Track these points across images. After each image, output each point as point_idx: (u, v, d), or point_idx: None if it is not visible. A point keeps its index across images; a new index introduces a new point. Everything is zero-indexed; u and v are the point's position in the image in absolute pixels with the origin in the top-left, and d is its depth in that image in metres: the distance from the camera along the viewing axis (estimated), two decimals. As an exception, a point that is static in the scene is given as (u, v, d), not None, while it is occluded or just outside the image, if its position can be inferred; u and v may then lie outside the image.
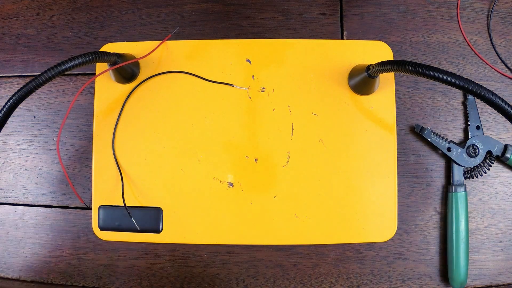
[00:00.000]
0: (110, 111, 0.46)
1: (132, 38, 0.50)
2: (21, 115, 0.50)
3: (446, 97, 0.48)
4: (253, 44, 0.46)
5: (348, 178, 0.44)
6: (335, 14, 0.50)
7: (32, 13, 0.51)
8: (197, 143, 0.45)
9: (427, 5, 0.50)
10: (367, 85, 0.44)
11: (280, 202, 0.44)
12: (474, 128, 0.47)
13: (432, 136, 0.46)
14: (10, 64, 0.51)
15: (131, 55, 0.45)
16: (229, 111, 0.45)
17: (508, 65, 0.49)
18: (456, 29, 0.50)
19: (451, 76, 0.31)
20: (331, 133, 0.45)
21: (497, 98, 0.31)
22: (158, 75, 0.46)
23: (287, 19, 0.50)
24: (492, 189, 0.48)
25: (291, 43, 0.46)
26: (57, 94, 0.50)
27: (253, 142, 0.45)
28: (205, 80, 0.46)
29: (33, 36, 0.51)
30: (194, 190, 0.45)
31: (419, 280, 0.47)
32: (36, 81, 0.34)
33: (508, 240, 0.47)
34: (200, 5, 0.50)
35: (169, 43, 0.47)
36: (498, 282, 0.47)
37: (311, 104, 0.45)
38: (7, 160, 0.50)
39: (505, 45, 0.49)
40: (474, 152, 0.46)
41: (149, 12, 0.50)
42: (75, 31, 0.50)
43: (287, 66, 0.46)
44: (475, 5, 0.50)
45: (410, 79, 0.49)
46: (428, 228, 0.47)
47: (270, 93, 0.46)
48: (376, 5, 0.50)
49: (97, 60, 0.38)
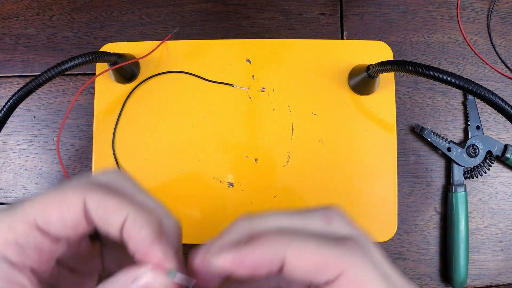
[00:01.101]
0: (110, 111, 0.46)
1: (132, 38, 0.50)
2: (21, 115, 0.50)
3: (446, 97, 0.48)
4: (253, 44, 0.46)
5: (348, 178, 0.44)
6: (335, 14, 0.50)
7: (32, 13, 0.51)
8: (197, 143, 0.45)
9: (427, 5, 0.50)
10: (367, 85, 0.44)
11: (280, 202, 0.44)
12: (474, 128, 0.47)
13: (432, 136, 0.46)
14: (10, 64, 0.51)
15: (131, 55, 0.45)
16: (229, 111, 0.45)
17: (508, 65, 0.49)
18: (456, 29, 0.50)
19: (451, 76, 0.31)
20: (331, 133, 0.45)
21: (497, 98, 0.31)
22: (158, 75, 0.46)
23: (287, 19, 0.50)
24: (492, 189, 0.48)
25: (291, 43, 0.46)
26: (57, 94, 0.50)
27: (253, 142, 0.45)
28: (205, 80, 0.46)
29: (33, 36, 0.51)
30: (194, 190, 0.45)
31: (419, 280, 0.47)
32: (36, 81, 0.34)
33: (508, 240, 0.47)
34: (200, 5, 0.50)
35: (169, 43, 0.47)
36: (498, 282, 0.47)
37: (311, 104, 0.45)
38: (7, 160, 0.50)
39: (505, 45, 0.49)
40: (474, 152, 0.46)
41: (149, 12, 0.50)
42: (75, 31, 0.50)
43: (287, 66, 0.46)
44: (475, 5, 0.50)
45: (410, 79, 0.49)
46: (428, 228, 0.47)
47: (270, 93, 0.46)
48: (376, 5, 0.50)
49: (97, 60, 0.38)
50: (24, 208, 0.18)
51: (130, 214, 0.18)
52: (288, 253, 0.16)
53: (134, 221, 0.18)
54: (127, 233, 0.18)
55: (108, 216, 0.18)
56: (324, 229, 0.17)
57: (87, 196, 0.18)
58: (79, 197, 0.18)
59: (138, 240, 0.17)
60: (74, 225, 0.18)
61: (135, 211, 0.18)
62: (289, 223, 0.18)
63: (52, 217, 0.18)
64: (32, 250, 0.18)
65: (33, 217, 0.18)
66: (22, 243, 0.18)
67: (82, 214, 0.18)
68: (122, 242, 0.18)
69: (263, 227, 0.18)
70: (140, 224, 0.18)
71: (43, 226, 0.18)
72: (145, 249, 0.17)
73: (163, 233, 0.18)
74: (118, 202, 0.18)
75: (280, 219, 0.18)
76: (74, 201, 0.18)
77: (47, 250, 0.19)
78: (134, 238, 0.18)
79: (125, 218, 0.18)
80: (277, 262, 0.16)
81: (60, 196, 0.18)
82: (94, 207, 0.18)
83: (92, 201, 0.18)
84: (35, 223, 0.18)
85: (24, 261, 0.18)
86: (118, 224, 0.18)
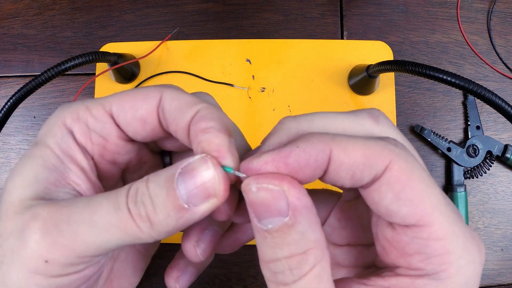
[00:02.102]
0: (110, 111, 0.46)
1: (132, 38, 0.50)
2: (21, 115, 0.50)
3: (446, 97, 0.48)
4: (253, 44, 0.46)
5: (348, 178, 0.44)
6: (335, 14, 0.50)
7: (32, 13, 0.51)
8: (197, 143, 0.45)
9: (427, 5, 0.50)
10: (367, 85, 0.44)
11: (280, 202, 0.44)
12: (474, 128, 0.47)
13: (432, 136, 0.46)
14: (10, 64, 0.51)
15: (131, 55, 0.45)
16: (229, 111, 0.45)
17: (508, 65, 0.49)
18: (456, 29, 0.50)
19: (451, 76, 0.31)
20: (331, 133, 0.45)
21: (497, 98, 0.31)
22: (158, 75, 0.46)
23: (287, 19, 0.50)
24: (492, 189, 0.48)
25: (291, 43, 0.46)
26: (57, 94, 0.50)
27: (253, 142, 0.45)
28: (205, 80, 0.46)
29: (33, 36, 0.51)
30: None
31: (419, 280, 0.47)
32: (36, 81, 0.34)
33: (508, 240, 0.47)
34: (200, 5, 0.50)
35: (169, 43, 0.47)
36: (498, 282, 0.47)
37: (311, 104, 0.45)
38: (7, 160, 0.50)
39: (505, 45, 0.49)
40: (474, 152, 0.46)
41: (149, 12, 0.50)
42: (75, 31, 0.50)
43: (287, 66, 0.46)
44: (475, 5, 0.50)
45: (410, 79, 0.49)
46: (428, 228, 0.47)
47: (270, 93, 0.46)
48: (376, 5, 0.50)
49: (97, 60, 0.38)
50: (106, 98, 0.19)
51: (203, 108, 0.17)
52: (335, 147, 0.15)
53: (205, 112, 0.17)
54: (195, 123, 0.17)
55: (181, 108, 0.17)
56: (372, 127, 0.17)
57: (164, 91, 0.18)
58: (156, 92, 0.18)
59: (204, 129, 0.16)
60: (144, 117, 0.18)
61: (207, 107, 0.18)
62: (338, 121, 0.17)
63: (126, 105, 0.18)
64: (98, 137, 0.18)
65: (109, 104, 0.18)
66: (91, 125, 0.18)
67: (156, 108, 0.18)
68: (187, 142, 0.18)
69: (310, 126, 0.17)
70: (212, 117, 0.17)
71: (116, 114, 0.18)
72: (210, 137, 0.16)
73: (230, 132, 0.17)
74: (192, 98, 0.18)
75: (327, 117, 0.17)
76: (151, 94, 0.18)
77: (111, 146, 0.19)
78: (202, 127, 0.16)
79: (196, 111, 0.17)
80: (322, 159, 0.15)
81: (140, 91, 0.18)
82: (169, 100, 0.18)
83: (168, 94, 0.18)
84: (110, 111, 0.18)
85: (87, 144, 0.18)
86: (189, 116, 0.17)
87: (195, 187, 0.15)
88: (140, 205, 0.15)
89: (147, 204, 0.15)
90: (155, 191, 0.15)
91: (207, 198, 0.15)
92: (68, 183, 0.18)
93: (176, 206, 0.15)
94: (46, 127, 0.18)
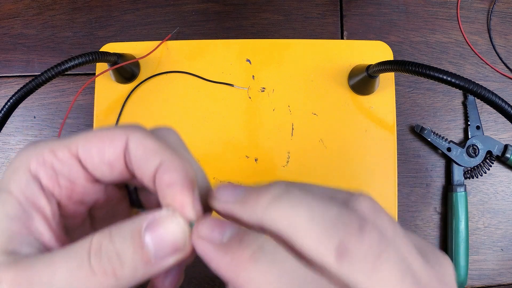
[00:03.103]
0: (110, 111, 0.46)
1: (132, 38, 0.50)
2: (21, 115, 0.50)
3: (446, 97, 0.48)
4: (253, 44, 0.46)
5: (348, 178, 0.44)
6: (335, 14, 0.50)
7: (32, 13, 0.51)
8: (197, 143, 0.45)
9: (427, 5, 0.50)
10: (367, 85, 0.44)
11: (280, 202, 0.44)
12: (474, 128, 0.47)
13: (432, 136, 0.46)
14: (10, 64, 0.51)
15: (131, 55, 0.45)
16: (229, 111, 0.45)
17: (508, 65, 0.49)
18: (456, 29, 0.50)
19: (451, 76, 0.31)
20: (331, 133, 0.45)
21: (497, 98, 0.31)
22: (158, 75, 0.46)
23: (287, 19, 0.50)
24: (492, 189, 0.48)
25: (291, 43, 0.46)
26: (57, 94, 0.50)
27: (253, 142, 0.45)
28: (205, 80, 0.46)
29: (33, 36, 0.51)
30: (194, 190, 0.45)
31: (419, 280, 0.47)
32: (36, 81, 0.34)
33: (508, 240, 0.47)
34: (200, 5, 0.50)
35: (169, 43, 0.47)
36: (498, 282, 0.47)
37: (311, 104, 0.45)
38: (7, 160, 0.50)
39: (505, 45, 0.49)
40: (474, 152, 0.46)
41: (149, 12, 0.50)
42: (75, 31, 0.50)
43: (287, 66, 0.46)
44: (475, 5, 0.50)
45: (410, 79, 0.49)
46: (428, 228, 0.47)
47: (270, 93, 0.46)
48: (376, 5, 0.50)
49: (97, 60, 0.38)
50: (70, 139, 0.18)
51: (168, 158, 0.18)
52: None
53: (170, 164, 0.17)
54: (160, 176, 0.17)
55: (147, 156, 0.18)
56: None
57: (130, 135, 0.18)
58: (122, 135, 0.18)
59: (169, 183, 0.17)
60: (111, 162, 0.18)
61: (172, 156, 0.18)
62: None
63: (93, 150, 0.18)
64: (65, 181, 0.18)
65: (76, 147, 0.18)
66: (58, 169, 0.18)
67: (122, 152, 0.18)
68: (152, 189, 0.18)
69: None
70: (175, 168, 0.17)
71: (83, 158, 0.18)
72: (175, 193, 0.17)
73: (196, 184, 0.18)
74: (158, 145, 0.18)
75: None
76: (117, 138, 0.18)
77: (79, 188, 0.19)
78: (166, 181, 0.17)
79: (161, 161, 0.17)
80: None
81: (106, 132, 0.18)
82: (134, 146, 0.18)
83: (134, 140, 0.18)
84: (76, 153, 0.18)
85: (54, 189, 0.18)
86: (153, 166, 0.18)
87: (163, 241, 0.16)
88: (105, 261, 0.15)
89: (114, 260, 0.15)
90: (122, 246, 0.15)
91: (175, 252, 0.16)
92: (31, 232, 0.17)
93: (143, 260, 0.15)
94: (10, 171, 0.18)
